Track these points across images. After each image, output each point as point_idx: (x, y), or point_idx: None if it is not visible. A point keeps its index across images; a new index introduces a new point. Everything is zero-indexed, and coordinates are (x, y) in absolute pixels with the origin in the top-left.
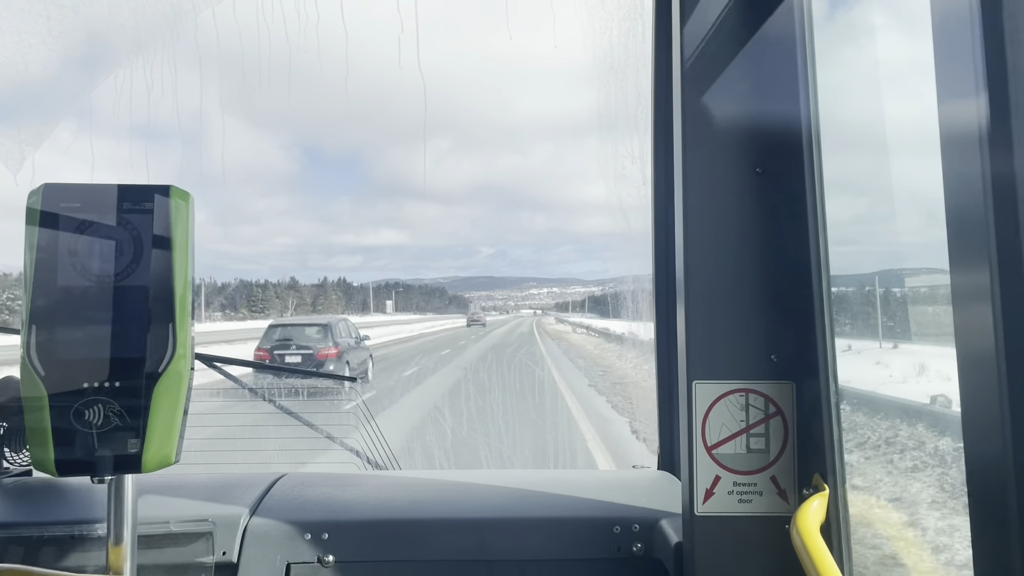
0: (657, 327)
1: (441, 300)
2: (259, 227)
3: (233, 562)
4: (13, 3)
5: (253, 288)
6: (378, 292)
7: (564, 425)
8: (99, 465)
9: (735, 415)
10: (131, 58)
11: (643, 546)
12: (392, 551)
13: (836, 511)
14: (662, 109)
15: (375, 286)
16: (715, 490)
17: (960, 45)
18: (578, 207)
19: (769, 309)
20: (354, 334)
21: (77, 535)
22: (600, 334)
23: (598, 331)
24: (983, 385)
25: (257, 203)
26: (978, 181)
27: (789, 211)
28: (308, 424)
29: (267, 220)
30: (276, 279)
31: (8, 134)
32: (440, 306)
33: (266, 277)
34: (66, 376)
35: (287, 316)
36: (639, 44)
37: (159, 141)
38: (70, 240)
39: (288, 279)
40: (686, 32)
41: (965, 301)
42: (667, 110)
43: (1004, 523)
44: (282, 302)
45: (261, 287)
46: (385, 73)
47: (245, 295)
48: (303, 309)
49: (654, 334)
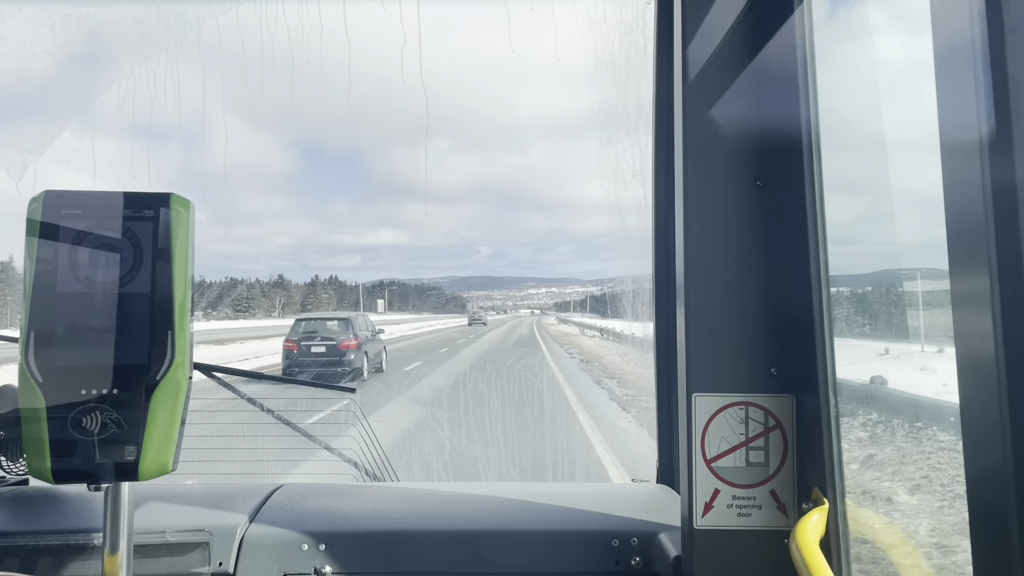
0: (657, 339)
1: (438, 299)
2: (258, 227)
3: (229, 573)
4: (17, 12)
5: (238, 286)
6: (372, 291)
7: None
8: (96, 473)
9: (735, 428)
10: (134, 66)
11: (642, 560)
12: (389, 563)
13: (835, 526)
14: (663, 122)
15: (370, 285)
16: (714, 504)
17: (961, 55)
18: (577, 207)
19: (769, 322)
20: (371, 328)
21: (73, 544)
22: (618, 339)
23: (614, 334)
24: (982, 389)
25: (256, 203)
26: (978, 186)
27: (789, 224)
28: (306, 435)
29: (266, 220)
30: (268, 278)
31: (11, 142)
32: (437, 305)
33: (261, 277)
34: (64, 384)
35: (310, 312)
36: (640, 57)
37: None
38: (70, 248)
39: (276, 277)
40: (688, 46)
41: (965, 305)
42: (668, 123)
43: (1004, 528)
44: (269, 301)
45: (246, 284)
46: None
47: (230, 293)
48: (291, 308)
49: (654, 346)
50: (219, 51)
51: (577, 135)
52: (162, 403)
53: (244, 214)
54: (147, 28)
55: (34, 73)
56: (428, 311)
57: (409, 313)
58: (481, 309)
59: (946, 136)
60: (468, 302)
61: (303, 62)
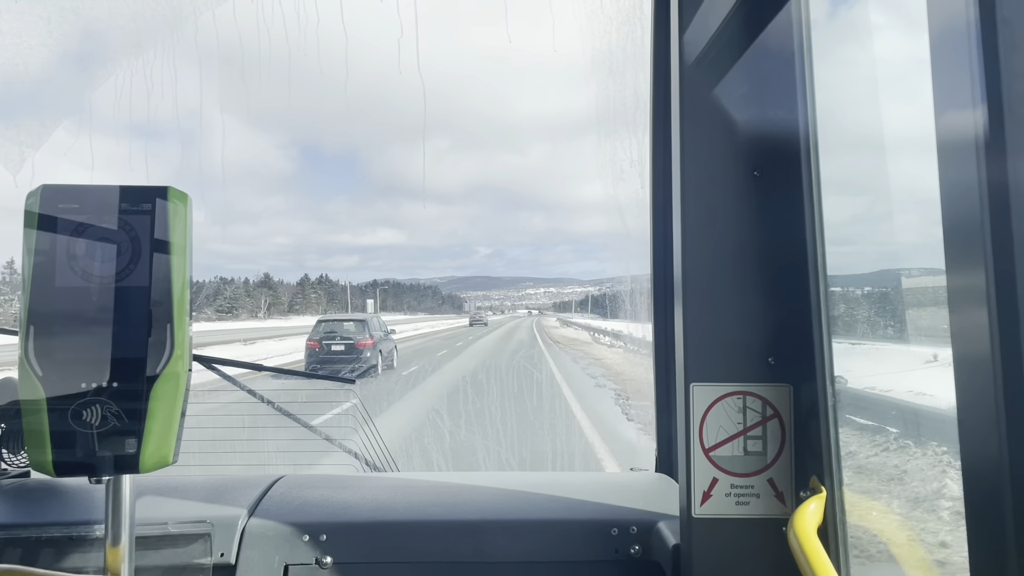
0: (655, 329)
1: (434, 300)
2: (256, 227)
3: (231, 563)
4: (13, 6)
5: (220, 285)
6: (364, 291)
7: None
8: (97, 466)
9: (732, 417)
10: (131, 60)
11: (640, 548)
12: (390, 553)
13: (833, 514)
14: (660, 113)
15: (363, 285)
16: (712, 492)
17: (957, 51)
18: (576, 207)
19: (767, 312)
20: (384, 328)
21: (75, 536)
22: (640, 347)
23: (633, 341)
24: (979, 388)
25: (255, 202)
26: (974, 185)
27: (787, 214)
28: (306, 426)
29: (264, 219)
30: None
31: (8, 135)
32: (433, 306)
33: (251, 277)
34: (64, 377)
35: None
36: (638, 47)
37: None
38: (68, 241)
39: (262, 275)
40: (685, 36)
41: (961, 304)
42: (665, 114)
43: (1001, 527)
44: (253, 301)
45: (228, 283)
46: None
47: (212, 293)
48: (278, 309)
49: (652, 336)
50: (215, 43)
51: (576, 135)
52: (162, 396)
53: (240, 213)
54: (144, 21)
55: (31, 67)
56: (424, 311)
57: (404, 314)
58: (480, 310)
59: (942, 130)
60: (465, 302)
61: (300, 54)
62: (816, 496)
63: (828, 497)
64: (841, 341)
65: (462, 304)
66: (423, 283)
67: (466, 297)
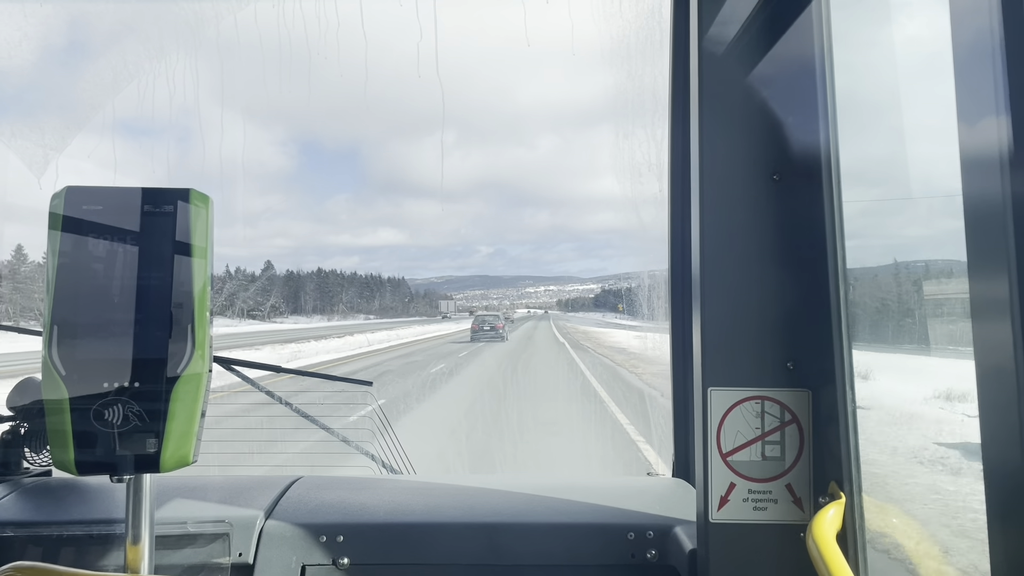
0: (673, 333)
1: (397, 295)
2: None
3: (249, 563)
4: (39, 10)
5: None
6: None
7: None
8: (118, 465)
9: (750, 422)
10: (153, 64)
11: (657, 553)
12: (406, 554)
13: (852, 520)
14: (679, 116)
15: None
16: (730, 497)
17: (981, 59)
18: (581, 203)
19: (785, 316)
20: (505, 318)
21: (96, 534)
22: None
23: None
24: (1002, 396)
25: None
26: (997, 192)
27: (806, 217)
28: (324, 428)
29: (264, 219)
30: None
31: (32, 138)
32: (392, 305)
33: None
34: (86, 377)
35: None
36: (656, 50)
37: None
38: (91, 242)
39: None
40: (704, 38)
41: (984, 312)
42: (684, 118)
43: (1023, 534)
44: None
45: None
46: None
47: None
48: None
49: (669, 340)
50: (238, 45)
51: (586, 128)
52: (183, 396)
53: (241, 213)
54: (166, 24)
55: (55, 69)
56: (374, 313)
57: (308, 317)
58: (488, 311)
59: (964, 137)
60: (450, 299)
61: (320, 57)
62: (835, 502)
63: (847, 503)
64: (861, 347)
65: (437, 301)
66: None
67: (450, 295)
